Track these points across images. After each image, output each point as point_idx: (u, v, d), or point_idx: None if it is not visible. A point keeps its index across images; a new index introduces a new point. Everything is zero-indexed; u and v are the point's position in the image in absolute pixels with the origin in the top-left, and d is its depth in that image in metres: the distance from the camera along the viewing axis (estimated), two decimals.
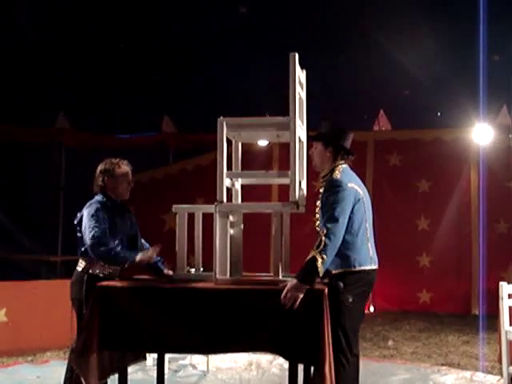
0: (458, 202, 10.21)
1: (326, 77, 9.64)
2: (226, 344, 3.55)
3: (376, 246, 4.00)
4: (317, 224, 3.91)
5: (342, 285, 3.74)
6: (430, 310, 9.85)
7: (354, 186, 3.83)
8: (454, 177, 10.21)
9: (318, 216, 3.92)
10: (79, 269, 4.32)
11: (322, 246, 3.63)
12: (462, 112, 10.25)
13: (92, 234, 4.11)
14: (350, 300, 3.75)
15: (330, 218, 3.69)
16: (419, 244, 10.13)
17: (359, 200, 3.83)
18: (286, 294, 3.46)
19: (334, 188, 3.75)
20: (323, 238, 3.64)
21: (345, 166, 3.93)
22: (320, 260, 3.59)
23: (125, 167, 4.43)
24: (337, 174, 3.82)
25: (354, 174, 3.95)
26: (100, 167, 4.41)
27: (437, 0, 10.25)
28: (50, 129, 11.14)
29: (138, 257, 4.23)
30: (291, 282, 3.52)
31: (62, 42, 10.55)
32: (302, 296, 3.46)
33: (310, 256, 3.63)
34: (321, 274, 3.61)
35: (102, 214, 4.19)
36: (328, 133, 3.98)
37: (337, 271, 3.78)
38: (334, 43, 10.62)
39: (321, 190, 3.91)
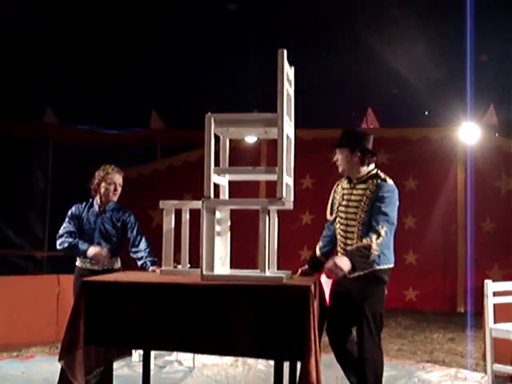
0: (445, 201, 10.27)
1: (314, 74, 9.64)
2: (211, 344, 3.53)
3: None
4: (349, 223, 4.16)
5: (387, 280, 4.18)
6: (415, 308, 9.91)
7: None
8: (441, 175, 10.27)
9: (347, 215, 4.18)
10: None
11: (380, 240, 3.93)
12: (449, 111, 10.31)
13: (58, 232, 4.91)
14: (386, 293, 4.21)
15: (389, 218, 4.02)
16: (406, 242, 10.14)
17: None
18: (332, 264, 3.76)
19: (390, 192, 4.13)
20: (383, 234, 3.95)
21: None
22: (374, 252, 3.91)
23: (114, 174, 4.95)
24: (389, 180, 4.20)
25: None
26: (96, 173, 4.99)
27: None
28: (37, 123, 11.09)
29: (90, 250, 4.79)
30: (341, 258, 3.86)
31: (50, 35, 10.47)
32: (345, 271, 3.77)
33: (365, 242, 3.92)
34: (369, 261, 3.93)
35: (71, 215, 4.95)
36: (352, 138, 4.28)
37: (381, 267, 4.12)
38: (322, 41, 10.62)
39: (355, 192, 4.21)
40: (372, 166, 4.29)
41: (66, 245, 4.83)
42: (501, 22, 9.49)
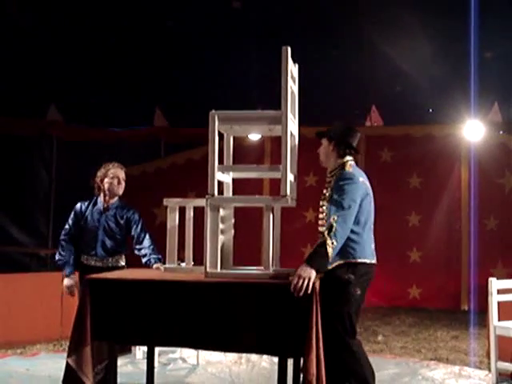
0: (449, 198, 10.25)
1: (318, 72, 9.64)
2: (214, 340, 3.54)
3: None
4: (321, 216, 4.02)
5: (352, 277, 3.87)
6: (419, 306, 9.90)
7: (365, 182, 4.01)
8: (445, 173, 10.25)
9: (323, 209, 4.02)
10: None
11: (333, 231, 3.70)
12: (453, 108, 10.29)
13: (60, 236, 5.01)
14: (359, 292, 3.91)
15: (341, 206, 3.80)
16: (409, 239, 10.17)
17: (367, 195, 4.00)
18: (298, 280, 3.42)
19: (346, 180, 3.90)
20: (334, 224, 3.72)
21: (352, 162, 4.07)
22: (331, 244, 3.66)
23: (116, 169, 4.99)
24: (349, 168, 3.99)
25: (362, 171, 4.09)
26: (98, 172, 5.04)
27: None
28: (41, 121, 11.10)
29: (65, 280, 4.91)
30: (300, 267, 3.53)
31: (54, 34, 10.49)
32: (313, 280, 3.46)
33: (320, 240, 3.72)
34: (330, 259, 3.70)
35: (75, 212, 5.01)
36: (333, 129, 4.16)
37: (344, 261, 3.88)
38: (326, 38, 10.61)
39: (326, 185, 4.06)
40: (347, 158, 4.07)
41: (56, 258, 5.00)
42: (505, 19, 9.47)
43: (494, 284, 5.40)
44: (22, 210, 11.13)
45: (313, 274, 3.50)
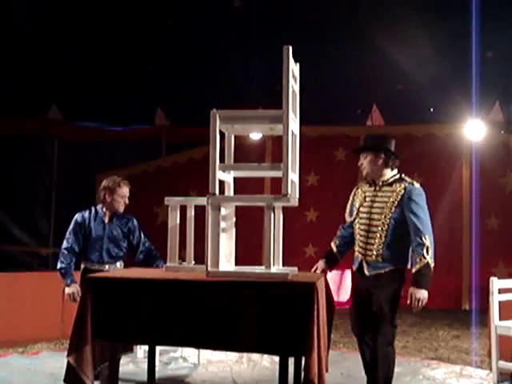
0: (450, 198, 10.25)
1: (319, 71, 9.63)
2: (215, 339, 3.54)
3: None
4: (376, 221, 4.28)
5: (402, 279, 4.30)
6: None
7: None
8: (446, 172, 10.25)
9: (371, 217, 4.31)
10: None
11: (430, 253, 4.11)
12: (454, 108, 10.28)
13: (62, 246, 4.92)
14: (402, 294, 4.32)
15: (427, 226, 4.19)
16: None
17: None
18: (415, 301, 4.11)
19: (420, 196, 4.29)
20: (428, 244, 4.11)
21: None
22: (431, 263, 4.12)
23: (124, 188, 4.97)
24: (416, 183, 4.35)
25: None
26: (104, 183, 4.97)
27: None
28: (42, 120, 11.10)
29: (67, 289, 4.86)
30: (413, 289, 4.12)
31: (55, 33, 10.49)
32: (426, 298, 4.15)
33: (423, 263, 4.10)
34: (432, 275, 4.16)
35: (76, 224, 4.92)
36: (376, 142, 4.41)
37: (397, 267, 4.25)
38: (327, 38, 10.60)
39: (381, 194, 4.32)
40: (396, 169, 4.39)
41: (58, 267, 4.89)
42: (506, 18, 9.46)
43: (495, 283, 5.41)
44: (23, 209, 11.13)
45: (425, 294, 4.12)
